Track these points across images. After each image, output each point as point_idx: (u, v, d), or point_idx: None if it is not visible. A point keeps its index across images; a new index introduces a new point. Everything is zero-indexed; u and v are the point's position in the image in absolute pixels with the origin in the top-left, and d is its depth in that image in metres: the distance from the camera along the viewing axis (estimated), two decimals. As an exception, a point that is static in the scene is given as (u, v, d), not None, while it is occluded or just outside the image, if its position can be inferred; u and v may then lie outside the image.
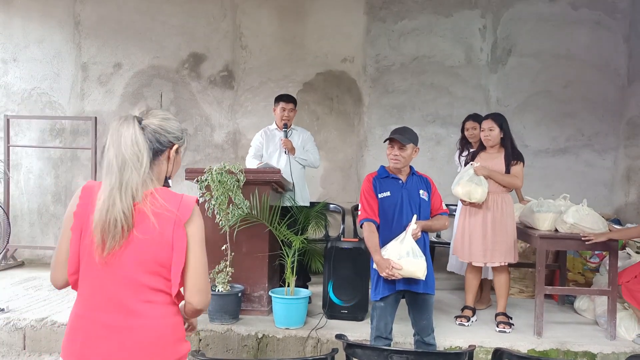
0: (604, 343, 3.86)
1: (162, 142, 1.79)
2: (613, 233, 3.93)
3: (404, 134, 3.31)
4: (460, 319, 4.19)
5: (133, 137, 1.68)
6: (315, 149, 5.01)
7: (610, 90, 5.90)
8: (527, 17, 5.94)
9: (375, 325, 3.29)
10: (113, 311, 1.67)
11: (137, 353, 1.66)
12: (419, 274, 3.08)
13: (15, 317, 4.15)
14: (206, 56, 6.22)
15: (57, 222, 6.34)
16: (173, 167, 1.86)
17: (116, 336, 1.66)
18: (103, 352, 1.65)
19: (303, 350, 3.88)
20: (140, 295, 1.68)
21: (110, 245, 1.64)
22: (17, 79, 6.37)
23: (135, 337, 1.66)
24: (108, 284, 1.67)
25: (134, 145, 1.68)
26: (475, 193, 4.00)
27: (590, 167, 5.92)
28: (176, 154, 1.85)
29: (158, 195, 1.70)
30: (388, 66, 6.08)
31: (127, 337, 1.66)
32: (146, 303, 1.68)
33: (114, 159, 1.68)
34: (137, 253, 1.67)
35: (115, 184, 1.66)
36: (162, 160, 1.81)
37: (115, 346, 1.65)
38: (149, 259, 1.67)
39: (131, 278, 1.67)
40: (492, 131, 4.14)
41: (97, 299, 1.69)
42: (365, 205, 3.25)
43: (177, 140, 1.83)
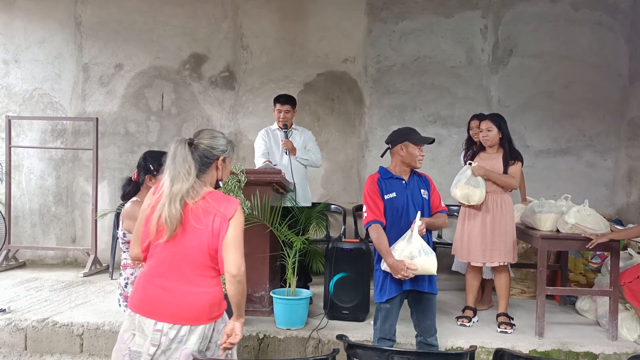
0: (606, 344, 3.85)
1: (210, 156, 2.34)
2: (614, 234, 3.92)
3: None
4: (461, 319, 4.19)
5: (184, 156, 2.25)
6: (316, 149, 5.00)
7: (611, 90, 5.89)
8: (528, 17, 5.94)
9: (380, 327, 3.29)
10: (172, 279, 2.26)
11: (189, 310, 2.24)
12: (432, 270, 3.10)
13: (17, 318, 4.15)
14: (207, 57, 6.23)
15: (59, 222, 6.34)
16: (223, 173, 2.42)
17: (173, 297, 2.24)
18: (160, 306, 2.24)
19: (304, 350, 3.88)
20: (196, 270, 2.26)
21: (168, 233, 2.22)
22: (19, 79, 6.37)
23: (189, 299, 2.25)
24: (169, 259, 2.26)
25: (185, 162, 2.24)
26: (474, 195, 4.02)
27: (591, 168, 5.92)
28: (223, 162, 2.40)
29: (210, 198, 2.27)
30: (389, 67, 6.08)
31: (182, 299, 2.24)
32: (199, 276, 2.27)
33: (169, 172, 2.24)
34: (194, 239, 2.24)
35: (167, 192, 2.23)
36: (212, 169, 2.37)
37: (172, 304, 2.24)
38: (202, 244, 2.24)
39: (190, 256, 2.25)
40: (490, 131, 4.16)
41: (160, 269, 2.27)
42: (372, 206, 3.22)
43: (223, 153, 2.38)
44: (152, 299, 2.27)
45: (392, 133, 3.41)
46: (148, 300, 2.27)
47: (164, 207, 2.21)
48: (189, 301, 2.25)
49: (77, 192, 6.33)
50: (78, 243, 6.30)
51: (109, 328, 4.05)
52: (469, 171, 4.07)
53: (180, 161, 2.24)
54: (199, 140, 2.35)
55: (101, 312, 4.33)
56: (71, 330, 4.07)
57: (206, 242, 2.24)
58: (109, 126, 6.27)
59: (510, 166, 4.12)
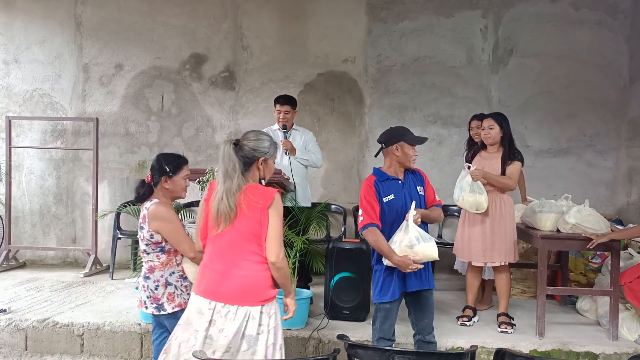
0: (606, 343, 3.85)
1: (251, 157, 2.60)
2: (615, 234, 3.92)
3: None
4: (461, 319, 4.19)
5: (229, 155, 2.53)
6: (317, 149, 5.00)
7: (611, 90, 5.89)
8: (528, 17, 5.93)
9: (379, 327, 3.28)
10: (223, 263, 2.54)
11: (238, 290, 2.51)
12: (434, 255, 3.12)
13: (17, 318, 4.16)
14: (207, 57, 6.23)
15: (59, 223, 6.34)
16: (265, 172, 2.67)
17: (223, 279, 2.53)
18: (213, 288, 2.53)
19: (305, 350, 3.88)
20: (243, 255, 2.54)
21: (223, 225, 2.52)
22: (19, 80, 6.37)
23: (237, 280, 2.51)
24: (222, 246, 2.55)
25: (230, 161, 2.52)
26: (483, 203, 4.00)
27: (591, 168, 5.92)
28: (265, 163, 2.64)
29: (250, 192, 2.54)
30: (389, 67, 6.08)
31: (232, 280, 2.51)
32: (245, 260, 2.54)
33: (220, 170, 2.55)
34: (242, 227, 2.53)
35: (221, 188, 2.51)
36: (254, 168, 2.62)
37: (223, 285, 2.52)
38: (248, 232, 2.52)
39: (238, 243, 2.54)
40: (492, 129, 4.15)
41: (214, 256, 2.57)
42: (369, 209, 3.20)
43: (264, 154, 2.63)
44: (208, 281, 2.56)
45: (385, 132, 3.35)
46: (205, 282, 2.57)
47: (219, 201, 2.50)
48: (236, 283, 2.51)
49: (78, 192, 6.33)
50: (78, 243, 6.30)
51: (109, 328, 4.05)
52: (468, 177, 4.03)
53: (227, 160, 2.53)
54: (244, 141, 2.60)
55: (101, 312, 4.34)
56: (71, 330, 4.08)
57: (251, 230, 2.52)
58: (109, 126, 6.27)
59: (508, 166, 4.11)
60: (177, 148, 6.24)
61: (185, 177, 3.04)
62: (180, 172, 3.01)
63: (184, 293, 3.02)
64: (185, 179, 3.05)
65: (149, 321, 4.05)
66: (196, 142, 6.25)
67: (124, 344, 4.03)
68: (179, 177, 3.01)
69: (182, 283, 3.03)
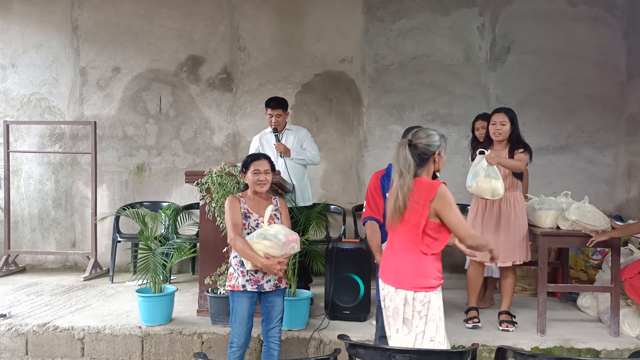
0: (608, 340, 3.85)
1: (427, 153, 2.75)
2: (614, 231, 3.90)
3: None
4: (472, 321, 4.09)
5: (404, 155, 2.71)
6: (313, 146, 4.97)
7: (609, 86, 5.89)
8: (525, 14, 5.93)
9: (381, 325, 3.28)
10: (394, 251, 2.81)
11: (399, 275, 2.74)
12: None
13: (18, 323, 4.15)
14: (204, 59, 6.22)
15: (58, 227, 6.34)
16: (439, 165, 2.83)
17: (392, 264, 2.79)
18: (385, 271, 2.82)
19: (306, 351, 3.88)
20: (407, 245, 2.75)
21: (397, 218, 2.74)
22: (16, 84, 6.37)
23: (407, 265, 2.73)
24: (395, 235, 2.81)
25: (405, 161, 2.70)
26: (500, 188, 3.83)
27: (591, 164, 5.92)
28: (439, 155, 2.81)
29: (416, 186, 2.71)
30: (387, 66, 6.07)
31: (397, 266, 2.76)
32: (409, 250, 2.75)
33: (395, 169, 2.73)
34: (410, 220, 2.72)
35: (397, 186, 2.72)
36: (430, 162, 2.79)
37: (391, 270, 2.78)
38: (414, 224, 2.72)
39: (405, 234, 2.75)
40: (504, 125, 4.04)
41: (389, 245, 2.87)
42: (371, 203, 3.24)
43: (438, 148, 2.79)
44: (383, 265, 2.86)
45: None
46: (382, 266, 2.87)
47: (395, 198, 2.72)
48: (399, 268, 2.76)
49: (77, 196, 6.32)
50: (78, 247, 6.29)
51: (110, 332, 4.04)
52: (484, 161, 3.86)
53: (403, 161, 2.71)
54: (417, 140, 2.76)
55: (102, 315, 4.33)
56: (72, 334, 4.07)
57: (417, 222, 2.71)
58: (107, 130, 6.26)
59: (518, 154, 4.04)
60: (176, 150, 6.24)
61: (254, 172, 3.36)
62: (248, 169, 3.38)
63: (240, 277, 3.30)
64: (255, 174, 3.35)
65: (149, 324, 4.05)
66: (194, 144, 6.24)
67: (124, 347, 4.02)
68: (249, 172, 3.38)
69: (239, 268, 3.31)
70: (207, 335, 3.96)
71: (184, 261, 5.74)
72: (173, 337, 3.98)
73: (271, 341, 3.36)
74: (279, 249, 3.19)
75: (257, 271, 3.27)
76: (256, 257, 3.18)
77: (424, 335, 2.69)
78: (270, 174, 3.40)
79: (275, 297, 3.35)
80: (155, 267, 4.07)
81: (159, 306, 4.10)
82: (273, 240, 3.18)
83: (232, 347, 3.28)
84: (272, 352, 3.36)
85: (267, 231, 3.20)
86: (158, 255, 4.10)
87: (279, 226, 3.27)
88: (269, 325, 3.36)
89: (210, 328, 3.99)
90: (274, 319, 3.35)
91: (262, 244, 3.18)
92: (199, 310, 4.29)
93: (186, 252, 4.31)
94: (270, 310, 3.35)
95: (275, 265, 3.20)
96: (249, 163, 3.37)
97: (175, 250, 4.25)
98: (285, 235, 3.22)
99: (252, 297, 3.31)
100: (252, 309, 3.32)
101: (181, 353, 3.96)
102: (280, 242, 3.18)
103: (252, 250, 3.20)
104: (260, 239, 3.19)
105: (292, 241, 3.25)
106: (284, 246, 3.19)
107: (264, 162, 3.38)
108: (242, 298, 3.29)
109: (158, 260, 4.08)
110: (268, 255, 3.19)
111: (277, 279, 3.34)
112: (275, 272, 3.24)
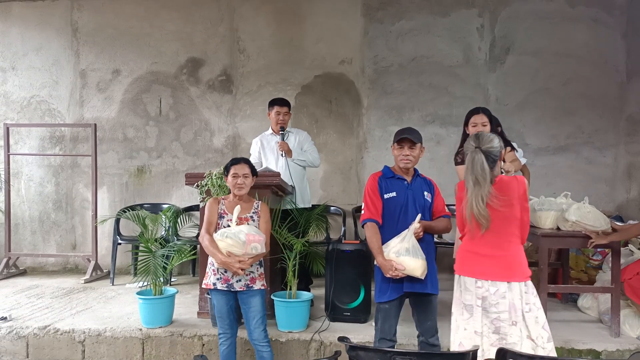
0: (609, 340, 3.85)
1: (496, 154, 2.90)
2: (614, 235, 3.88)
3: (413, 133, 3.30)
4: None
5: (481, 163, 2.82)
6: (313, 148, 4.98)
7: (609, 87, 5.89)
8: (524, 15, 5.94)
9: (380, 327, 3.28)
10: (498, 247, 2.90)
11: (503, 269, 2.87)
12: (416, 273, 3.09)
13: (18, 326, 4.15)
14: (204, 61, 6.23)
15: (59, 229, 6.34)
16: (506, 158, 3.14)
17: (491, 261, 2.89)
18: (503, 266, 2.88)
19: (306, 353, 3.87)
20: (504, 237, 2.90)
21: (485, 227, 2.86)
22: (16, 87, 6.38)
23: (503, 260, 2.89)
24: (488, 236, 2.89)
25: (483, 169, 2.82)
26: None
27: (591, 165, 5.92)
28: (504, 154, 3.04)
29: (497, 186, 2.87)
30: (386, 67, 6.08)
31: (498, 261, 2.88)
32: (506, 242, 2.91)
33: (471, 178, 2.84)
34: (505, 216, 2.87)
35: (474, 194, 2.82)
36: (498, 162, 2.95)
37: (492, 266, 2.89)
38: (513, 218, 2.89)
39: (504, 229, 2.89)
40: (485, 126, 4.03)
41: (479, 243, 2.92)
42: (370, 204, 3.23)
43: (501, 147, 2.93)
44: (480, 266, 2.91)
45: None
46: (468, 264, 2.94)
47: (471, 207, 2.82)
48: (510, 262, 2.88)
49: (77, 198, 6.33)
50: (78, 249, 6.30)
51: (110, 334, 4.05)
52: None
53: (479, 169, 2.82)
54: (485, 146, 2.87)
55: (102, 318, 4.33)
56: (73, 337, 4.07)
57: (514, 216, 2.89)
58: (107, 132, 6.27)
59: (507, 153, 4.03)
60: (176, 152, 6.24)
61: (233, 175, 3.43)
62: (229, 173, 3.45)
63: (212, 275, 3.39)
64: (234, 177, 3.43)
65: (150, 326, 4.05)
66: (194, 146, 6.24)
67: (125, 350, 4.02)
68: (229, 176, 3.46)
69: (212, 266, 3.40)
70: (207, 338, 3.96)
71: (185, 263, 5.75)
72: (174, 340, 3.98)
73: (256, 344, 3.41)
74: (239, 247, 3.24)
75: (226, 270, 3.32)
76: (216, 254, 3.27)
77: (544, 323, 2.89)
78: (249, 177, 3.47)
79: (249, 297, 3.38)
80: (155, 270, 4.07)
81: (160, 308, 4.10)
82: (234, 238, 3.24)
83: (220, 338, 3.43)
84: (262, 354, 3.40)
85: (230, 230, 3.28)
86: (158, 258, 4.10)
87: (244, 226, 3.32)
88: (249, 328, 3.41)
89: (210, 330, 3.99)
90: (251, 320, 3.39)
91: (224, 242, 3.26)
92: (200, 313, 4.30)
93: (186, 254, 4.31)
94: (246, 312, 3.41)
95: (234, 264, 3.24)
96: (229, 167, 3.47)
97: (175, 252, 4.25)
98: (247, 234, 3.26)
99: (226, 294, 3.38)
100: (229, 304, 3.40)
101: (182, 355, 3.96)
102: (241, 240, 3.23)
103: (215, 247, 3.28)
104: (223, 237, 3.27)
105: (254, 241, 3.28)
106: (245, 245, 3.24)
107: (243, 166, 3.46)
108: (217, 294, 3.40)
109: (158, 262, 4.08)
110: (230, 253, 3.25)
111: (249, 280, 3.37)
112: (234, 270, 3.26)
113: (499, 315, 2.84)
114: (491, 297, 2.85)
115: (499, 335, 2.86)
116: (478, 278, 2.89)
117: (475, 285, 2.89)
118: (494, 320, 2.85)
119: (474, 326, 2.88)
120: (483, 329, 2.88)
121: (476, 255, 2.93)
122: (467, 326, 2.91)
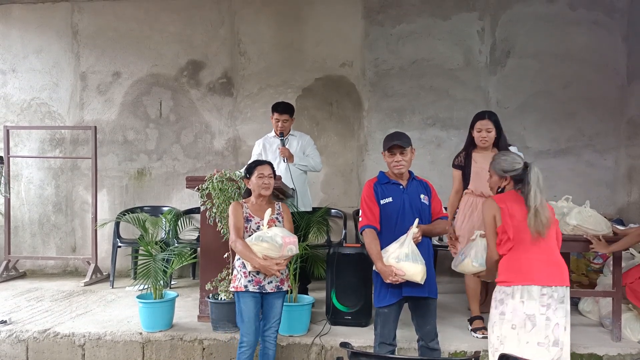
0: (610, 345, 3.84)
1: None
2: (614, 246, 3.83)
3: (402, 138, 3.29)
4: (481, 331, 3.95)
5: (539, 175, 3.04)
6: (315, 153, 4.98)
7: (610, 89, 5.88)
8: (525, 18, 5.93)
9: (380, 332, 3.27)
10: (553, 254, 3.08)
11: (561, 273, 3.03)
12: (416, 278, 3.08)
13: (18, 329, 4.14)
14: (205, 63, 6.23)
15: (59, 232, 6.33)
16: None
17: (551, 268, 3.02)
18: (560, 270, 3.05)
19: (307, 357, 3.87)
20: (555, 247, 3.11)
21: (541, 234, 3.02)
22: (16, 89, 6.37)
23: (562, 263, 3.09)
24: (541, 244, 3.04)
25: (542, 181, 3.04)
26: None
27: (591, 168, 5.91)
28: None
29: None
30: (387, 70, 6.07)
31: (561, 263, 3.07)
32: (557, 248, 3.12)
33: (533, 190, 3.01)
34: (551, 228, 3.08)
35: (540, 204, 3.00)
36: None
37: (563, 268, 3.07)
38: (554, 231, 3.11)
39: (552, 239, 3.09)
40: (489, 132, 4.08)
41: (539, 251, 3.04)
42: (367, 211, 3.23)
43: None
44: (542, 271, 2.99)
45: None
46: (529, 272, 2.99)
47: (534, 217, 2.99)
48: (563, 267, 3.05)
49: (77, 201, 6.32)
50: (78, 252, 6.29)
51: (110, 338, 4.04)
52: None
53: (541, 182, 3.03)
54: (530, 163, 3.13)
55: (102, 321, 4.32)
56: (73, 340, 4.06)
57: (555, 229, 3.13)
58: (107, 134, 6.26)
59: None
60: (176, 155, 6.23)
61: (258, 176, 3.45)
62: (253, 174, 3.48)
63: (242, 278, 3.38)
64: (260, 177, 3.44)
65: (150, 330, 4.04)
66: (195, 149, 6.24)
67: (125, 354, 4.01)
68: (253, 177, 3.48)
69: (242, 269, 3.40)
70: (208, 342, 3.95)
71: (185, 266, 5.72)
72: (174, 344, 3.97)
73: (267, 341, 3.45)
74: (276, 250, 3.26)
75: (258, 272, 3.34)
76: (254, 259, 3.27)
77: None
78: (272, 178, 3.51)
79: (276, 298, 3.44)
80: (155, 273, 4.06)
81: (160, 312, 4.09)
82: (270, 242, 3.25)
83: (242, 346, 3.37)
84: (268, 351, 3.45)
85: (265, 234, 3.28)
86: (158, 261, 4.09)
87: (277, 229, 3.34)
88: (266, 326, 3.45)
89: (211, 334, 3.98)
90: (271, 319, 3.44)
91: (260, 246, 3.27)
92: (200, 316, 4.28)
93: (187, 257, 4.30)
94: (269, 311, 3.44)
95: (273, 267, 3.28)
96: (254, 168, 3.49)
97: (175, 255, 4.24)
98: (283, 237, 3.28)
99: (256, 297, 3.38)
100: (257, 308, 3.41)
101: (182, 359, 3.95)
102: (278, 244, 3.25)
103: (251, 251, 3.28)
104: (258, 241, 3.27)
105: (290, 243, 3.31)
106: (282, 248, 3.26)
107: (267, 167, 3.52)
108: (246, 298, 3.38)
109: (158, 265, 4.07)
110: (266, 256, 3.27)
111: (279, 281, 3.41)
112: (273, 272, 3.30)
113: (558, 322, 2.92)
114: (554, 304, 2.93)
115: (558, 348, 2.91)
116: (544, 285, 2.95)
117: (540, 292, 2.94)
118: (553, 329, 2.91)
119: (537, 337, 2.91)
120: (544, 340, 2.92)
121: (538, 262, 3.01)
122: (530, 339, 2.91)
